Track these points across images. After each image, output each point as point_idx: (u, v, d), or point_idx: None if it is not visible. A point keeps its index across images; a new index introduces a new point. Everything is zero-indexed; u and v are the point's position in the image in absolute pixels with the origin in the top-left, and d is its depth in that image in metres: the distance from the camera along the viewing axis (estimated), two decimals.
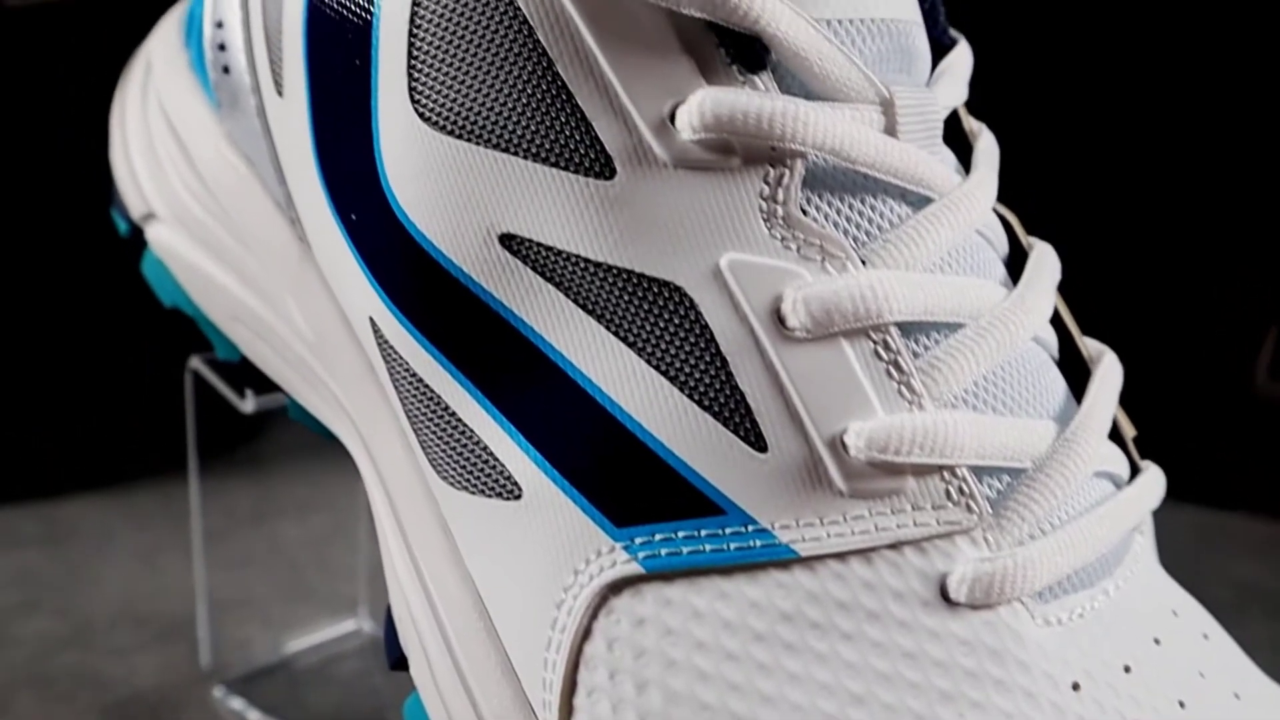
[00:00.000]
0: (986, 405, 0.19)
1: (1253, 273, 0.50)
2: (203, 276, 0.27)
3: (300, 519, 0.47)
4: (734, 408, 0.19)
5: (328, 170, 0.22)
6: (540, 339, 0.20)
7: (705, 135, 0.18)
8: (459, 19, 0.20)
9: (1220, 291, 0.51)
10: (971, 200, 0.20)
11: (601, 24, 0.19)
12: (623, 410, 0.19)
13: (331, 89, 0.22)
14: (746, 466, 0.19)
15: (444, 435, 0.21)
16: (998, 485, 0.19)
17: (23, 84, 0.45)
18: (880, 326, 0.19)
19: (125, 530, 0.46)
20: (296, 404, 0.27)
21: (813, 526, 0.18)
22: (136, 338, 0.49)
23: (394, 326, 0.21)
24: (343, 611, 0.40)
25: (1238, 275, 0.50)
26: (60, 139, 0.46)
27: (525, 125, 0.19)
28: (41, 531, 0.45)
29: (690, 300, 0.19)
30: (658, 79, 0.19)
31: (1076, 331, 0.23)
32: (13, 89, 0.45)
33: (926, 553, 0.18)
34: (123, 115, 0.29)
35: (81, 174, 0.45)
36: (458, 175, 0.20)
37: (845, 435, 0.18)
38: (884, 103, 0.20)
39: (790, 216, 0.19)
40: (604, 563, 0.19)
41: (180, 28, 0.29)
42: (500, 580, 0.21)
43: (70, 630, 0.39)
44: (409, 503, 0.23)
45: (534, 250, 0.20)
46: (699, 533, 0.19)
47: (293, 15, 0.23)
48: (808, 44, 0.19)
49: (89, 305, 0.48)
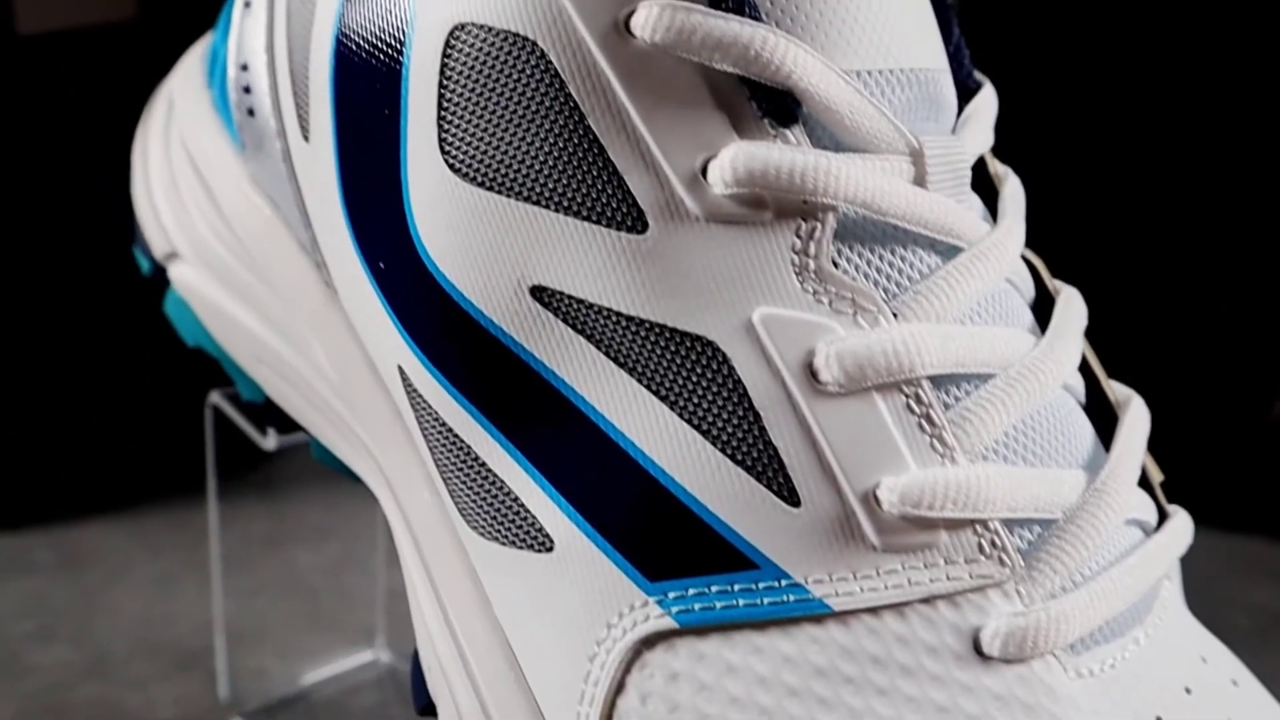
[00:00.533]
0: (1017, 455, 0.19)
1: (1271, 296, 0.50)
2: (226, 317, 0.27)
3: (315, 545, 0.47)
4: (767, 462, 0.19)
5: (355, 217, 0.22)
6: (572, 391, 0.20)
7: (738, 190, 0.19)
8: (489, 71, 0.20)
9: (1238, 315, 0.51)
10: (1000, 249, 0.20)
11: (634, 78, 0.19)
12: (655, 464, 0.19)
13: (359, 137, 0.22)
14: (779, 521, 0.19)
15: (474, 485, 0.21)
16: (1029, 536, 0.19)
17: (36, 111, 0.45)
18: (913, 380, 0.19)
19: (139, 556, 0.46)
20: (320, 444, 0.27)
21: (846, 581, 0.18)
22: (149, 361, 0.49)
23: (423, 376, 0.21)
24: (360, 641, 0.40)
25: (1256, 298, 0.50)
26: (73, 166, 0.46)
27: (557, 178, 0.19)
28: (56, 558, 0.45)
29: (723, 355, 0.19)
30: (690, 133, 0.19)
31: (1103, 375, 0.23)
32: (26, 116, 0.45)
33: (960, 607, 0.18)
34: (145, 153, 0.30)
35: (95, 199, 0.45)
36: (488, 227, 0.20)
37: (878, 490, 0.18)
38: (913, 153, 0.20)
39: (822, 270, 0.19)
40: (637, 616, 0.19)
41: (202, 65, 0.29)
42: (531, 631, 0.21)
43: (88, 660, 0.39)
44: (437, 549, 0.23)
45: (565, 303, 0.20)
46: (732, 587, 0.19)
47: (319, 61, 0.23)
48: (839, 97, 0.19)
49: (102, 331, 0.48)
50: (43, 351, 0.48)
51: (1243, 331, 0.51)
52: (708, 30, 0.18)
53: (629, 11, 0.19)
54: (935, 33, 0.21)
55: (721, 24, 0.18)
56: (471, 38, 0.20)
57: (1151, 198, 0.52)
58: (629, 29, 0.19)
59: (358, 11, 0.22)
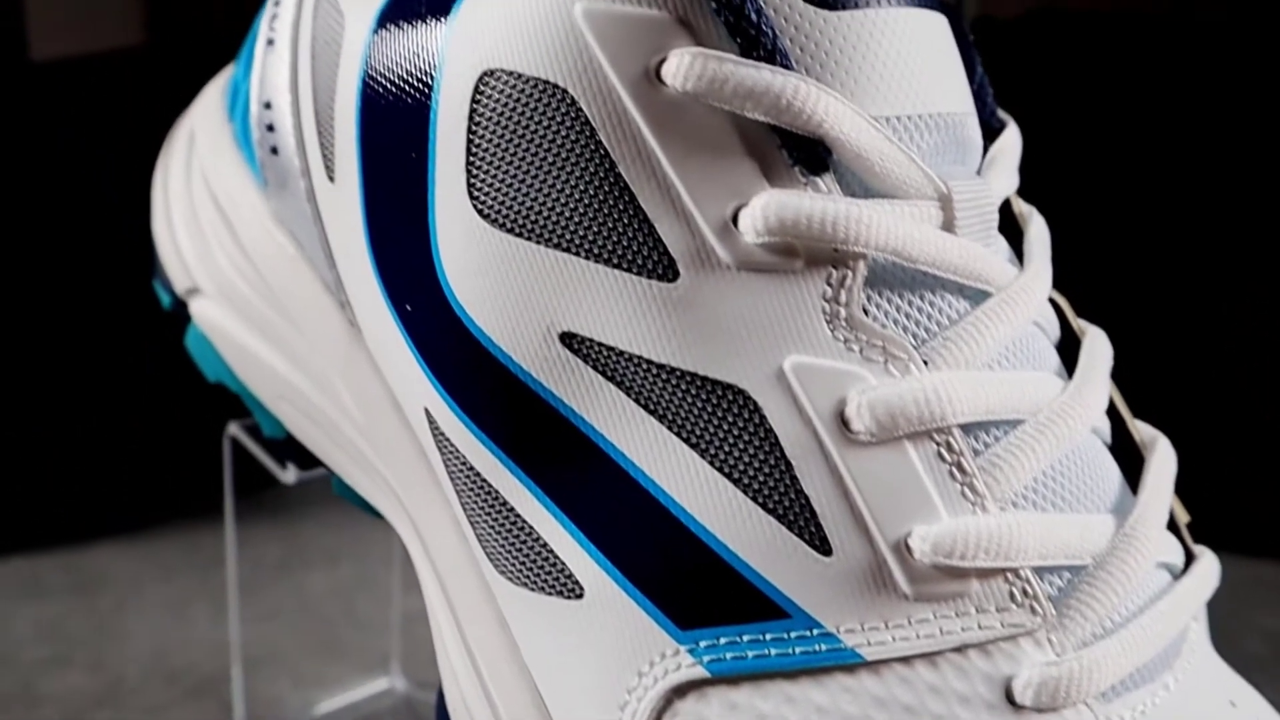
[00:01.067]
0: (1046, 501, 0.19)
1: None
2: (249, 354, 0.27)
3: (328, 569, 0.47)
4: (798, 511, 0.19)
5: (382, 260, 0.22)
6: (601, 438, 0.20)
7: (769, 238, 0.19)
8: (519, 117, 0.20)
9: (1254, 336, 0.51)
10: (1028, 293, 0.20)
11: (664, 126, 0.19)
12: (686, 512, 0.19)
13: (386, 179, 0.22)
14: (811, 570, 0.19)
15: (502, 530, 0.21)
16: (1058, 583, 0.19)
17: (49, 138, 0.45)
18: (944, 428, 0.19)
19: (151, 580, 0.46)
20: (341, 480, 0.27)
21: (878, 630, 0.18)
22: (161, 385, 0.49)
23: (450, 420, 0.21)
24: (375, 668, 0.40)
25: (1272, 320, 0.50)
26: (86, 187, 0.46)
27: (587, 226, 0.19)
28: (69, 581, 0.45)
29: (754, 403, 0.19)
30: (720, 181, 0.19)
31: (1128, 415, 0.23)
32: (39, 144, 0.45)
33: (991, 655, 0.18)
34: (165, 186, 0.30)
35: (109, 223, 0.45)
36: (517, 273, 0.20)
37: (910, 539, 0.18)
38: (942, 198, 0.20)
39: (853, 318, 0.19)
40: (668, 665, 0.19)
41: (223, 99, 0.29)
42: (560, 676, 0.21)
43: (102, 687, 0.39)
44: (463, 591, 0.23)
45: (595, 349, 0.20)
46: (764, 636, 0.19)
47: (345, 102, 0.23)
48: (869, 145, 0.19)
49: (112, 355, 0.48)
50: (54, 374, 0.48)
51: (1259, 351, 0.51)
52: (739, 79, 0.18)
53: (660, 59, 0.19)
54: (961, 75, 0.21)
55: (753, 73, 0.18)
56: (501, 84, 0.20)
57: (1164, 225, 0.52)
58: (660, 77, 0.19)
59: (384, 54, 0.22)
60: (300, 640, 0.42)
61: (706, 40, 0.19)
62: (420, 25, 0.21)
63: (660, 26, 0.19)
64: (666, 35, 0.19)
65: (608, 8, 0.19)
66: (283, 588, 0.45)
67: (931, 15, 0.20)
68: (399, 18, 0.22)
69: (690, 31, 0.19)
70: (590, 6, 0.19)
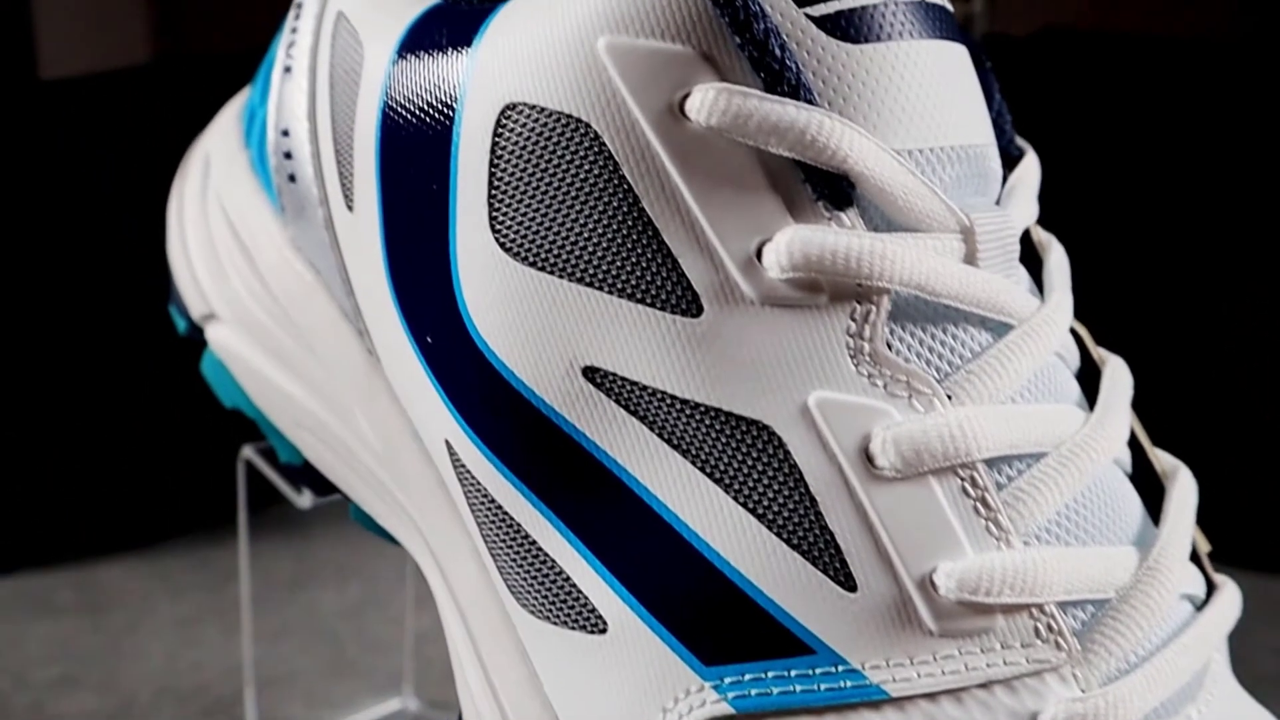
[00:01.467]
0: (1070, 535, 0.19)
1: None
2: (266, 381, 0.27)
3: (339, 586, 0.47)
4: (823, 547, 0.19)
5: (401, 291, 0.22)
6: (625, 473, 0.20)
7: (793, 274, 0.19)
8: (541, 151, 0.20)
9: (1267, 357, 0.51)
10: (1050, 326, 0.20)
11: (688, 161, 0.19)
12: (709, 547, 0.19)
13: (406, 210, 0.22)
14: (836, 606, 0.18)
15: (524, 564, 0.21)
16: (1082, 617, 0.19)
17: (59, 156, 0.45)
18: (968, 464, 0.19)
19: (162, 598, 0.46)
20: (358, 508, 0.27)
21: (903, 666, 0.18)
22: (172, 402, 0.49)
23: (472, 452, 0.21)
24: (387, 688, 0.40)
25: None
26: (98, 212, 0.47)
27: (610, 260, 0.19)
28: (79, 599, 0.45)
29: (779, 439, 0.19)
30: (744, 216, 0.19)
31: (1149, 445, 0.23)
32: (49, 162, 0.45)
33: (1017, 691, 0.18)
34: (180, 211, 0.29)
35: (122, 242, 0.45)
36: (540, 307, 0.20)
37: (935, 575, 0.18)
38: (964, 231, 0.20)
39: (877, 353, 0.19)
40: (693, 701, 0.19)
41: (239, 125, 0.29)
42: (583, 710, 0.21)
43: (113, 708, 0.39)
44: (484, 623, 0.23)
45: (618, 384, 0.20)
46: (789, 673, 0.19)
47: (365, 132, 0.23)
48: (893, 179, 0.19)
49: (123, 374, 0.48)
50: (66, 392, 0.48)
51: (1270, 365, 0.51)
52: (764, 115, 0.18)
53: (683, 94, 0.19)
54: (982, 106, 0.21)
55: (777, 108, 0.18)
56: (523, 117, 0.20)
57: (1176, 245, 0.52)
58: (683, 112, 0.19)
59: (405, 84, 0.22)
60: (312, 659, 0.42)
61: (730, 75, 0.19)
62: (441, 56, 0.21)
63: (684, 61, 0.19)
64: (690, 70, 0.19)
65: (631, 42, 0.19)
66: (294, 606, 0.45)
67: (953, 46, 0.20)
68: (420, 48, 0.22)
69: (714, 66, 0.19)
70: (614, 40, 0.19)
